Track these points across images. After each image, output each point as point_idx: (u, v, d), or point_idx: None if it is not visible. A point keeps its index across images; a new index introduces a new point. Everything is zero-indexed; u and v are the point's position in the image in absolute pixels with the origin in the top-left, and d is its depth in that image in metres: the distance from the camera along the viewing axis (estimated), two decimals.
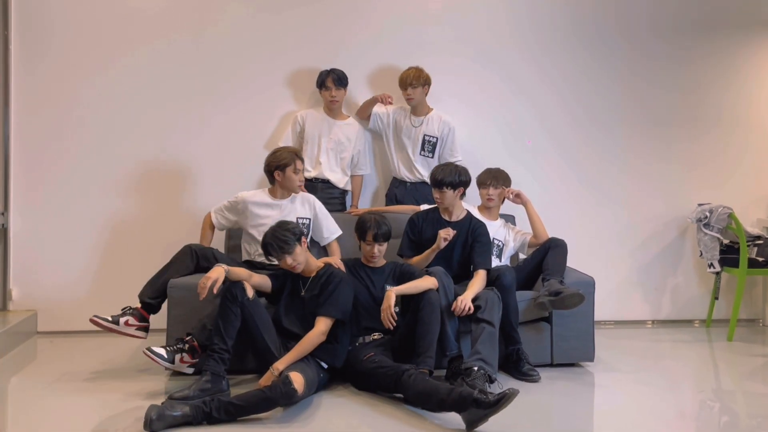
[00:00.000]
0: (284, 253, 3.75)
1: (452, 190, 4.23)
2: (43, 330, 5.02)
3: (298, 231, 3.82)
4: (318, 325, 3.70)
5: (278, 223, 3.88)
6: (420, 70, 4.88)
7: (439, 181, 4.23)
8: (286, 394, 3.28)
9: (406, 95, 4.87)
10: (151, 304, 4.10)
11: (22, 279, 5.02)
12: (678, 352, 4.84)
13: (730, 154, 5.57)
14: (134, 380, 3.93)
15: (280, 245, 3.73)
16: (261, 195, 4.43)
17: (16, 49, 4.99)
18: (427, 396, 3.34)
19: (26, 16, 4.99)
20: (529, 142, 5.32)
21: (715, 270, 5.23)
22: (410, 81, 4.83)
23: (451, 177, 4.21)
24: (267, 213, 4.32)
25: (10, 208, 4.98)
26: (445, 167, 4.29)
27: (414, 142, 4.98)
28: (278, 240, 3.73)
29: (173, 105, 5.09)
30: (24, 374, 4.18)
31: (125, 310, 4.07)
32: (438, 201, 4.30)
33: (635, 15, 5.45)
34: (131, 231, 5.08)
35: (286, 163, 4.29)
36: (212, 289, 3.56)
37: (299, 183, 4.37)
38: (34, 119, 5.00)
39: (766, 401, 3.83)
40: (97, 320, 4.00)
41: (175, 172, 5.12)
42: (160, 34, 5.08)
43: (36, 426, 3.35)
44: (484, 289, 4.04)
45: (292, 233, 3.77)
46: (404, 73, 4.89)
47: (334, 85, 4.86)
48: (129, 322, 4.04)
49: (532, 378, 3.97)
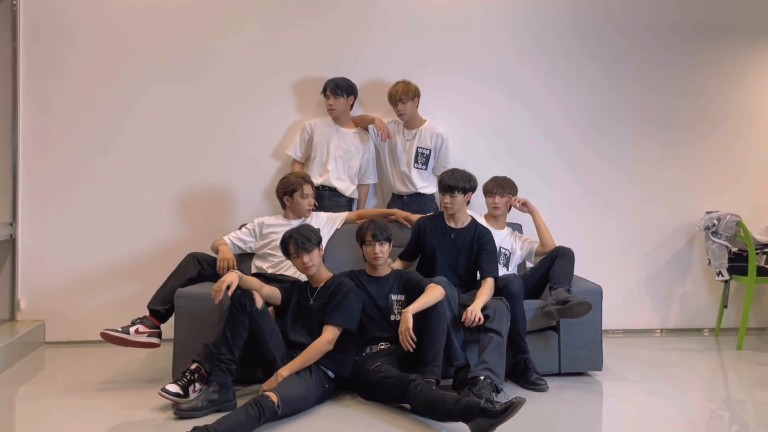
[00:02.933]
0: (303, 250, 3.80)
1: (462, 194, 4.27)
2: (50, 340, 5.03)
3: (319, 236, 3.93)
4: (325, 333, 3.72)
5: (302, 224, 4.04)
6: (407, 83, 4.84)
7: (451, 186, 4.24)
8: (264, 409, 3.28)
9: (397, 111, 4.86)
10: (159, 311, 4.13)
11: (30, 289, 5.03)
12: (687, 361, 4.81)
13: (737, 161, 5.56)
14: (142, 391, 3.93)
15: (302, 240, 3.80)
16: (275, 219, 4.53)
17: (25, 61, 5.02)
18: (433, 406, 3.34)
19: (35, 29, 5.02)
20: (531, 143, 5.32)
21: (723, 278, 5.21)
22: (399, 97, 4.80)
23: (463, 182, 4.26)
24: (281, 229, 4.33)
25: (18, 219, 5.00)
26: (455, 172, 4.31)
27: (408, 155, 4.97)
28: (301, 235, 3.82)
29: (183, 116, 5.11)
30: (31, 384, 4.19)
31: (134, 321, 4.09)
32: (447, 206, 4.29)
33: (639, 21, 5.45)
34: (139, 242, 5.09)
35: (293, 188, 4.41)
36: (227, 293, 3.57)
37: (308, 207, 4.46)
38: (42, 131, 5.03)
39: None
40: (107, 333, 4.02)
41: (183, 183, 5.13)
42: (170, 46, 5.11)
43: None
44: (492, 298, 4.04)
45: (315, 235, 3.89)
46: (392, 89, 4.85)
47: (331, 94, 4.87)
48: (139, 330, 4.06)
49: (539, 387, 3.96)
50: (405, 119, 4.92)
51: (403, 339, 3.72)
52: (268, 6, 5.17)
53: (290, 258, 3.91)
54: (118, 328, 4.05)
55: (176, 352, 4.02)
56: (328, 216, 4.66)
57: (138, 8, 5.09)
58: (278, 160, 5.14)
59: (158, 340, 4.12)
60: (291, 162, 5.04)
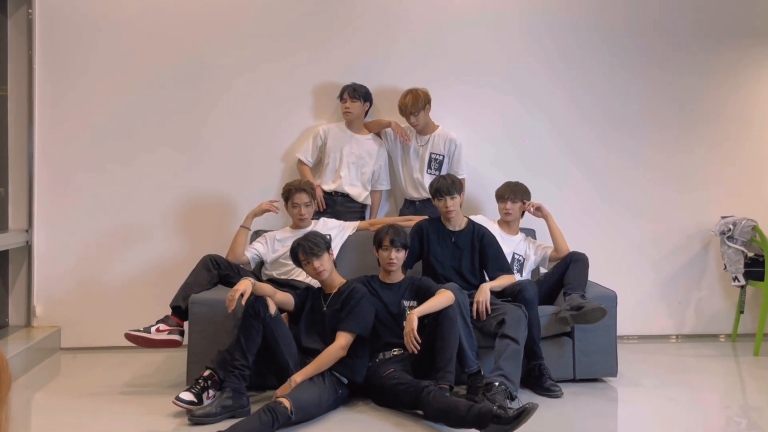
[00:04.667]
0: (312, 255, 3.84)
1: (458, 195, 4.34)
2: (66, 346, 5.07)
3: (329, 242, 3.97)
4: (338, 339, 3.74)
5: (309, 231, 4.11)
6: (416, 94, 4.83)
7: (447, 190, 4.29)
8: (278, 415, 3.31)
9: (411, 124, 4.90)
10: (181, 308, 4.17)
11: (46, 296, 5.08)
12: (703, 366, 4.80)
13: (753, 165, 5.56)
14: (156, 396, 3.96)
15: (311, 246, 3.84)
16: (282, 233, 4.59)
17: (40, 71, 5.07)
18: (446, 413, 3.35)
19: (50, 38, 5.08)
20: (526, 141, 5.30)
21: (739, 283, 5.20)
22: (410, 111, 4.80)
23: (454, 185, 4.33)
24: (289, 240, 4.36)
25: (34, 226, 5.05)
26: (443, 179, 4.37)
27: (421, 161, 4.98)
28: (309, 242, 3.86)
29: (197, 121, 5.17)
30: (47, 390, 4.23)
31: (157, 322, 4.16)
32: (449, 210, 4.32)
33: (658, 26, 5.46)
34: (154, 248, 5.14)
35: (285, 197, 4.54)
36: (240, 302, 3.59)
37: (299, 217, 4.49)
38: (56, 139, 5.09)
39: None
40: (130, 333, 4.07)
41: (199, 189, 5.18)
42: (186, 52, 5.17)
43: None
44: (509, 304, 4.05)
45: (323, 240, 3.92)
46: (401, 102, 4.84)
47: (349, 97, 4.91)
48: (160, 329, 4.10)
49: (554, 393, 3.96)
50: (419, 128, 4.95)
51: (407, 340, 3.72)
52: (287, 14, 5.21)
53: (302, 266, 3.95)
54: (140, 329, 4.09)
55: (190, 357, 4.05)
56: (338, 223, 4.69)
57: (153, 15, 5.14)
58: (293, 165, 5.19)
59: (180, 337, 4.15)
60: (298, 165, 5.07)
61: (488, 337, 3.99)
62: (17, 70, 5.06)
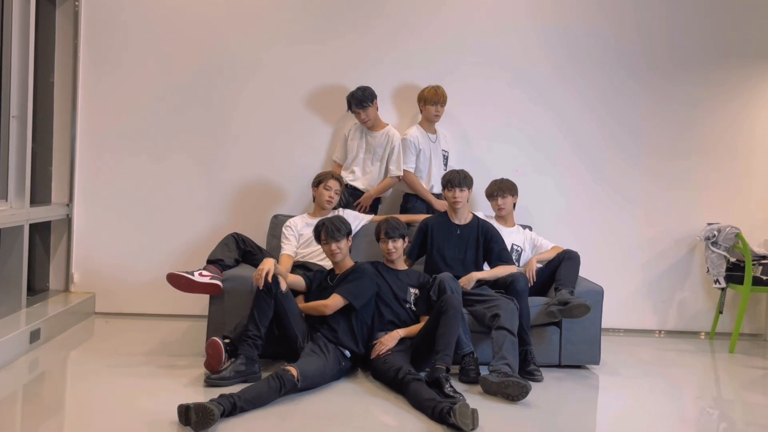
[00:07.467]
0: (332, 239, 4.09)
1: (467, 190, 4.52)
2: (100, 311, 5.33)
3: (349, 228, 4.21)
4: (330, 298, 4.01)
5: (336, 215, 4.34)
6: (442, 88, 5.05)
7: (459, 182, 4.47)
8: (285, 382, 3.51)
9: (435, 111, 5.02)
10: (222, 260, 4.35)
11: (83, 264, 5.33)
12: (681, 360, 4.90)
13: (740, 179, 5.65)
14: (178, 359, 4.17)
15: (333, 230, 4.09)
16: (301, 219, 4.74)
17: (84, 58, 5.29)
18: (420, 407, 3.48)
19: (94, 27, 5.28)
20: (517, 171, 5.34)
21: (720, 286, 5.30)
22: (440, 100, 5.00)
23: (466, 180, 4.51)
24: (308, 230, 4.60)
25: (74, 201, 5.30)
26: (456, 172, 4.53)
27: (438, 158, 5.15)
28: (333, 225, 4.12)
29: (227, 108, 5.36)
30: (82, 349, 4.49)
31: None
32: (458, 202, 4.48)
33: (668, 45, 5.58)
34: (183, 227, 5.35)
35: (320, 179, 4.67)
36: (267, 278, 3.80)
37: (327, 199, 4.63)
38: (97, 122, 5.30)
39: (764, 410, 3.92)
40: (175, 273, 4.15)
41: (228, 175, 5.37)
42: (220, 44, 5.35)
43: (88, 396, 3.62)
44: (502, 296, 4.25)
45: (345, 226, 4.16)
46: (431, 90, 5.02)
47: (359, 109, 4.97)
48: (203, 273, 4.22)
49: (534, 378, 4.12)
50: (437, 121, 5.09)
51: (376, 348, 3.97)
52: (313, 19, 5.38)
53: (320, 243, 4.19)
54: (184, 271, 4.20)
55: (210, 327, 4.26)
56: (355, 214, 4.85)
57: (189, 10, 5.32)
58: (316, 159, 5.39)
59: (220, 283, 4.21)
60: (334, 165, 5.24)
61: (481, 324, 4.21)
62: (63, 58, 5.28)
